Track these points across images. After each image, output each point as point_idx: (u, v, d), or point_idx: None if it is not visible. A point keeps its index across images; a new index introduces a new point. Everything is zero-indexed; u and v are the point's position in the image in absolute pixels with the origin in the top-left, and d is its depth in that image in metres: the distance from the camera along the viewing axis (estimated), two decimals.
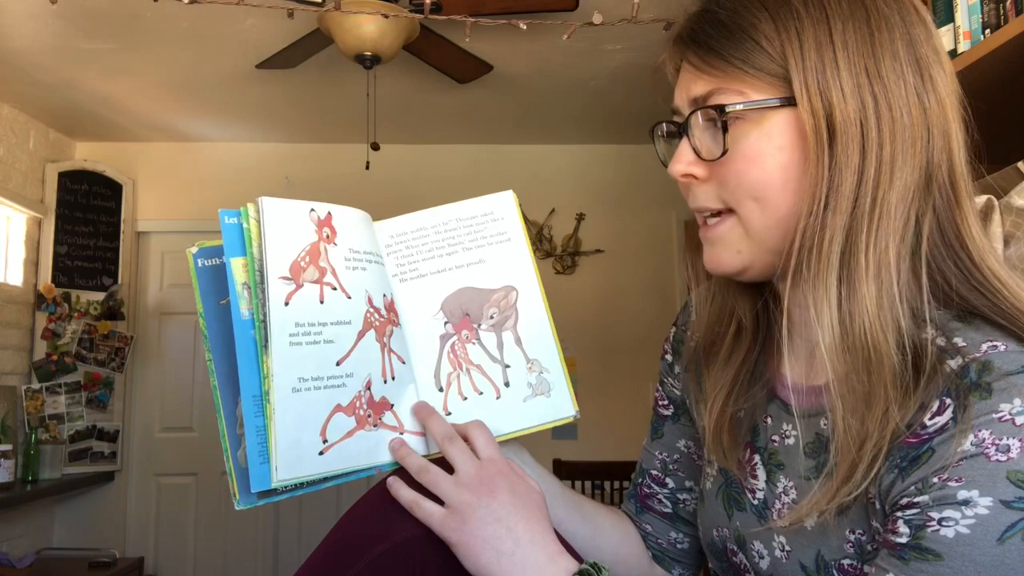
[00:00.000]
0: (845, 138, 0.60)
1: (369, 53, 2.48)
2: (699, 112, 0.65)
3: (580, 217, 4.26)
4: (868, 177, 0.60)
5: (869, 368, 0.59)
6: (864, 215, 0.60)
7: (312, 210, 0.74)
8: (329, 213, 0.75)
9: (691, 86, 0.66)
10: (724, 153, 0.64)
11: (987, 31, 1.22)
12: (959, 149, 0.63)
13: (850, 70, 0.60)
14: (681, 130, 0.67)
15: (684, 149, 0.67)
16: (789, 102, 0.61)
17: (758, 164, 0.63)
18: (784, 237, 0.64)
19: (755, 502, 0.72)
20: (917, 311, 0.60)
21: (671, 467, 0.89)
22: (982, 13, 1.24)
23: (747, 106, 0.62)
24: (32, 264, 3.75)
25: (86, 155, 4.10)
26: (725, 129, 0.63)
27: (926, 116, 0.61)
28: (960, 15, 1.28)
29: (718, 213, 0.67)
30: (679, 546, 0.90)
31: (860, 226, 0.60)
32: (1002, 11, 1.21)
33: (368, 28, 2.43)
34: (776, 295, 0.74)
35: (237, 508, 0.69)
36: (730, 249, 0.67)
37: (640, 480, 0.92)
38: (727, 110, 0.63)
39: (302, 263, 0.72)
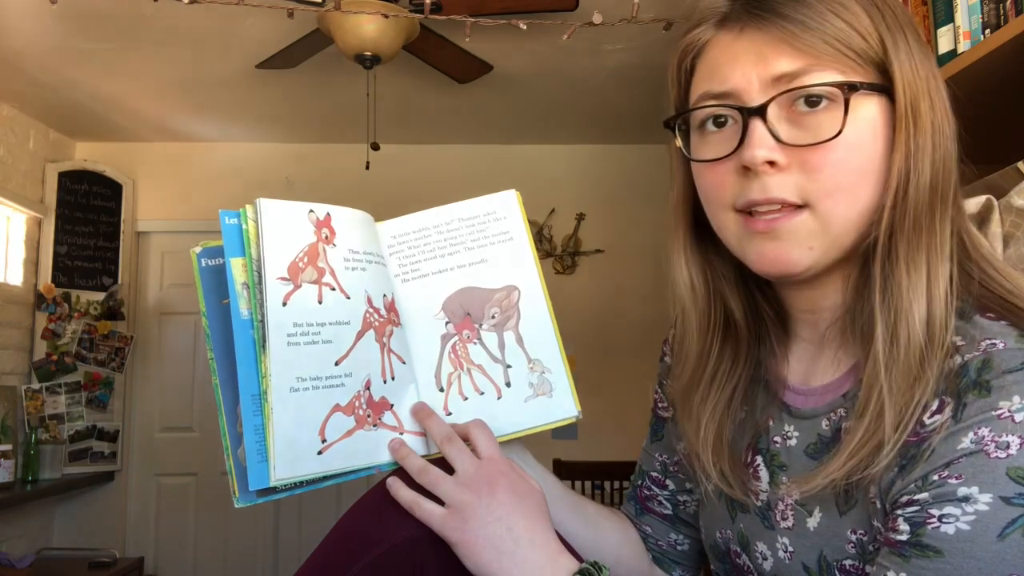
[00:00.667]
0: (924, 130, 0.61)
1: (369, 53, 2.48)
2: (792, 92, 0.60)
3: (580, 217, 4.26)
4: (939, 167, 0.61)
5: (932, 348, 0.58)
6: (939, 203, 0.61)
7: (311, 211, 0.74)
8: (328, 214, 0.75)
9: (773, 63, 0.61)
10: (832, 137, 0.60)
11: (987, 31, 1.22)
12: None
13: (922, 67, 0.62)
14: (750, 113, 0.62)
15: (762, 133, 0.61)
16: (884, 89, 0.62)
17: (859, 152, 0.61)
18: (857, 232, 0.63)
19: (758, 504, 0.72)
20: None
21: (671, 469, 0.89)
22: (982, 13, 1.24)
23: (868, 88, 0.60)
24: (32, 264, 3.75)
25: (86, 155, 4.10)
26: (829, 109, 0.60)
27: (951, 120, 0.64)
28: (960, 15, 1.28)
29: (781, 207, 0.62)
30: (679, 548, 0.89)
31: (937, 213, 0.61)
32: (1002, 11, 1.21)
33: (368, 28, 2.43)
34: (775, 297, 0.74)
35: (236, 506, 0.69)
36: (802, 245, 0.63)
37: (640, 482, 0.92)
38: (857, 87, 0.60)
39: (300, 264, 0.72)
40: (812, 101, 0.61)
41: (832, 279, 0.67)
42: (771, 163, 0.61)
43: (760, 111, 0.61)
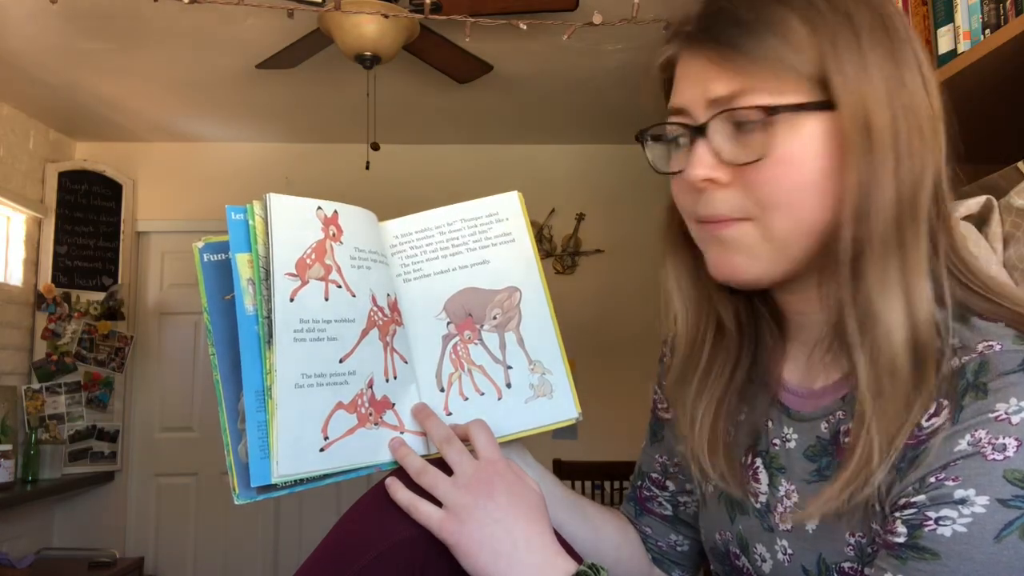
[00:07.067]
0: (882, 144, 0.59)
1: (369, 53, 2.49)
2: (727, 113, 0.61)
3: (580, 217, 4.26)
4: (905, 181, 0.59)
5: (919, 364, 0.58)
6: (907, 218, 0.59)
7: (319, 208, 0.74)
8: (336, 211, 0.75)
9: (710, 85, 0.62)
10: (759, 158, 0.60)
11: (987, 31, 1.22)
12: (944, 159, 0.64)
13: (881, 76, 0.60)
14: (695, 132, 0.63)
15: (703, 152, 0.62)
16: (826, 106, 0.60)
17: (796, 169, 0.60)
18: (808, 244, 0.62)
19: (758, 506, 0.72)
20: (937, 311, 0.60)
21: (671, 470, 0.89)
22: (982, 13, 1.24)
23: (793, 109, 0.59)
24: (32, 264, 3.75)
25: (86, 155, 4.09)
26: (763, 129, 0.60)
27: (934, 125, 0.62)
28: (960, 15, 1.28)
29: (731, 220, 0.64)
30: (679, 548, 0.90)
31: (907, 228, 0.59)
32: (1002, 11, 1.21)
33: (368, 28, 2.43)
34: (769, 300, 0.74)
35: (236, 503, 0.68)
36: (746, 253, 0.63)
37: (639, 483, 0.92)
38: (778, 110, 0.59)
39: (308, 260, 0.72)
40: (741, 123, 0.61)
41: (807, 288, 0.67)
42: (713, 180, 0.63)
43: (702, 130, 0.63)
